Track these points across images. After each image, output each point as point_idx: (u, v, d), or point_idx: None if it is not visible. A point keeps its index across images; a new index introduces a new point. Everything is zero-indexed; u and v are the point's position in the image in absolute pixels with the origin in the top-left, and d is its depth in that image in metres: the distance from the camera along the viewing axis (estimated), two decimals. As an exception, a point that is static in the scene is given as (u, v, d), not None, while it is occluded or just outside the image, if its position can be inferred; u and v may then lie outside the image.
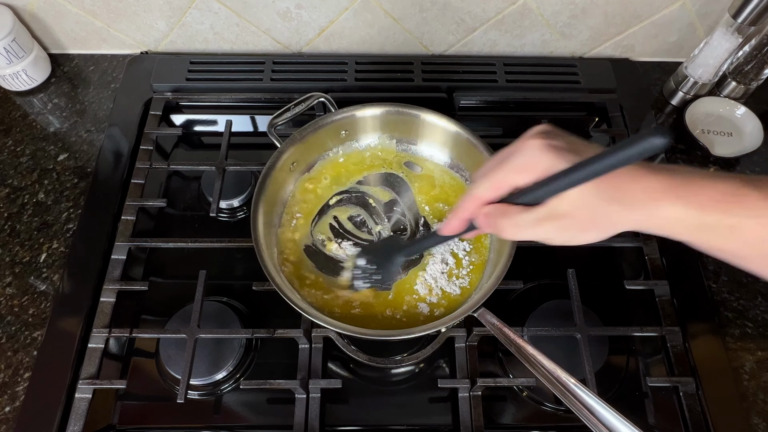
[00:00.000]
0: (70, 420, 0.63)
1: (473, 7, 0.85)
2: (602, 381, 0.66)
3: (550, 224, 0.44)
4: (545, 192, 0.42)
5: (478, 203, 0.47)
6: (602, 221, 0.43)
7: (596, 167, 0.38)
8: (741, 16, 0.74)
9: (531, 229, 0.44)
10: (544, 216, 0.43)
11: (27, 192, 0.79)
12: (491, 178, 0.45)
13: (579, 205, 0.42)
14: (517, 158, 0.44)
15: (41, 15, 0.87)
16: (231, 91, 0.88)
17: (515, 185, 0.44)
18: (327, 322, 0.58)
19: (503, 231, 0.46)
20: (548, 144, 0.42)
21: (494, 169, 0.45)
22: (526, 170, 0.43)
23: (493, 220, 0.46)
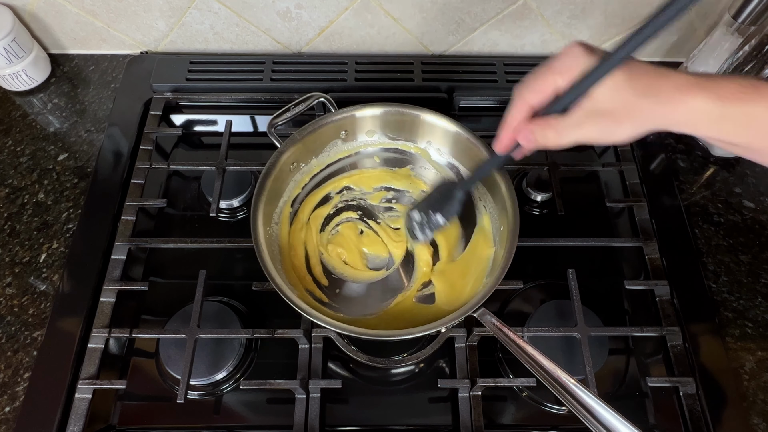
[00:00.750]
0: (70, 420, 0.63)
1: (473, 7, 0.84)
2: (602, 381, 0.66)
3: (589, 123, 0.46)
4: (582, 87, 0.44)
5: (526, 108, 0.49)
6: (636, 115, 0.45)
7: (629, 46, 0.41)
8: (741, 16, 0.74)
9: (572, 131, 0.47)
10: (582, 117, 0.46)
11: (27, 192, 0.79)
12: (535, 83, 0.47)
13: (614, 100, 0.44)
14: (557, 62, 0.46)
15: (41, 15, 0.87)
16: (231, 91, 0.88)
17: (557, 87, 0.46)
18: (327, 322, 0.58)
19: (547, 141, 0.48)
20: (586, 47, 0.45)
21: (537, 75, 0.47)
22: (566, 71, 0.45)
23: (537, 134, 0.48)
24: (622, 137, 0.46)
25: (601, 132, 0.46)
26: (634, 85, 0.44)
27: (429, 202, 0.65)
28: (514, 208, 0.64)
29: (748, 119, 0.42)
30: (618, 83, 0.44)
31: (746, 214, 0.79)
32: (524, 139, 0.50)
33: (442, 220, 0.64)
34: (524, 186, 0.81)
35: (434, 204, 0.64)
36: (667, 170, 0.82)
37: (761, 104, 0.42)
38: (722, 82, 0.43)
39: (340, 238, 0.72)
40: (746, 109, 0.42)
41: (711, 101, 0.42)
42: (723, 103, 0.42)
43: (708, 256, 0.76)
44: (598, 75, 0.44)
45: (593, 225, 0.80)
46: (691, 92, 0.43)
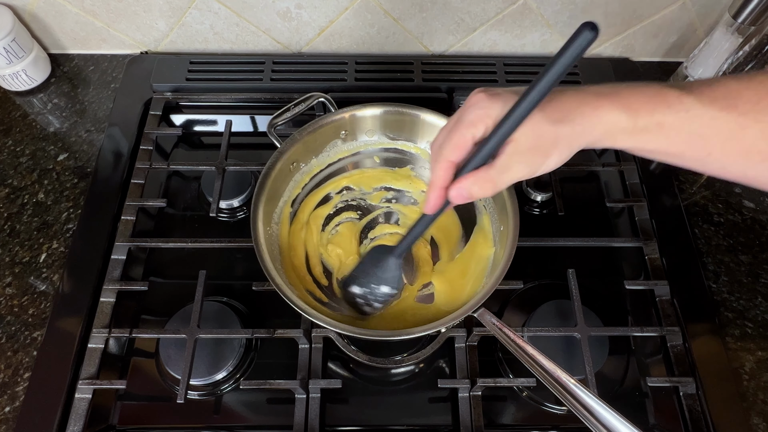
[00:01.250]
0: (70, 420, 0.63)
1: (473, 7, 0.85)
2: (602, 381, 0.66)
3: (517, 164, 0.46)
4: (503, 133, 0.45)
5: (449, 166, 0.49)
6: (558, 143, 0.45)
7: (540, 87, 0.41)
8: (741, 16, 0.74)
9: (504, 176, 0.47)
10: (509, 161, 0.46)
11: (27, 192, 0.79)
12: (452, 140, 0.47)
13: (534, 137, 0.45)
14: (469, 114, 0.46)
15: (41, 15, 0.87)
16: (231, 91, 0.88)
17: (475, 139, 0.47)
18: (327, 322, 0.58)
19: (485, 192, 0.48)
20: (492, 94, 0.46)
21: (452, 131, 0.48)
22: (480, 121, 0.46)
23: (472, 189, 0.48)
24: (552, 166, 0.47)
25: (531, 168, 0.47)
26: (548, 115, 0.44)
27: (367, 276, 0.64)
28: (514, 208, 0.64)
29: (659, 128, 0.44)
30: (534, 119, 0.44)
31: (746, 214, 0.79)
32: (458, 197, 0.49)
33: (389, 290, 0.63)
34: (524, 186, 0.81)
35: (374, 277, 0.64)
36: (667, 170, 0.82)
37: (668, 113, 0.43)
38: (631, 94, 0.44)
39: (340, 238, 0.72)
40: (656, 118, 0.43)
41: (623, 114, 0.44)
42: (634, 114, 0.44)
43: (708, 256, 0.76)
44: (516, 120, 0.43)
45: (593, 225, 0.80)
46: (602, 107, 0.44)
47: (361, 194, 0.76)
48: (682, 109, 0.43)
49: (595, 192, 0.83)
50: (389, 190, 0.76)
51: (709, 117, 0.42)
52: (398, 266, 0.63)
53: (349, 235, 0.72)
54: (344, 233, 0.72)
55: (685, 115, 0.43)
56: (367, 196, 0.75)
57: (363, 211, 0.75)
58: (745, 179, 0.46)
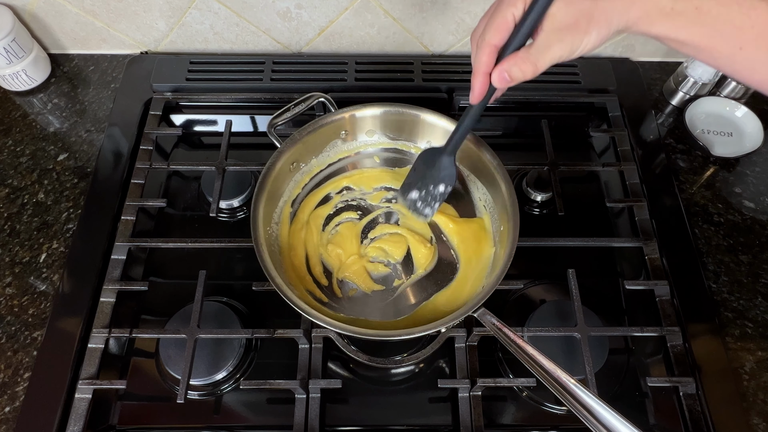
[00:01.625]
0: (70, 420, 0.63)
1: (473, 7, 0.85)
2: (602, 381, 0.66)
3: (556, 42, 0.46)
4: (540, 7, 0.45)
5: (492, 49, 0.48)
6: (597, 18, 0.45)
7: None
8: (741, 16, 0.74)
9: (544, 55, 0.47)
10: (549, 39, 0.46)
11: (27, 192, 0.79)
12: (494, 22, 0.47)
13: (572, 12, 0.45)
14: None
15: (41, 15, 0.87)
16: (231, 91, 0.88)
17: (515, 17, 0.46)
18: (327, 322, 0.58)
19: (525, 74, 0.48)
20: None
21: (493, 15, 0.48)
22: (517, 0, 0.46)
23: (513, 71, 0.48)
24: (591, 45, 0.47)
25: (571, 46, 0.46)
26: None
27: (422, 178, 0.65)
28: (514, 208, 0.64)
29: (696, 13, 0.43)
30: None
31: (746, 214, 0.79)
32: (500, 80, 0.49)
33: (444, 188, 0.64)
34: (524, 186, 0.81)
35: (428, 178, 0.64)
36: (667, 170, 0.82)
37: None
38: None
39: (340, 238, 0.72)
40: (696, 2, 0.43)
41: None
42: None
43: (708, 256, 0.76)
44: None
45: (593, 225, 0.80)
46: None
47: (361, 194, 0.76)
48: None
49: (595, 192, 0.83)
50: (389, 190, 0.76)
51: (748, 5, 0.42)
52: (451, 163, 0.63)
53: (349, 235, 0.72)
54: (344, 233, 0.72)
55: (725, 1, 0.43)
56: (367, 196, 0.75)
57: (363, 211, 0.75)
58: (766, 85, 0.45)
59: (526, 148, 0.87)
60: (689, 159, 0.84)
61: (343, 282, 0.69)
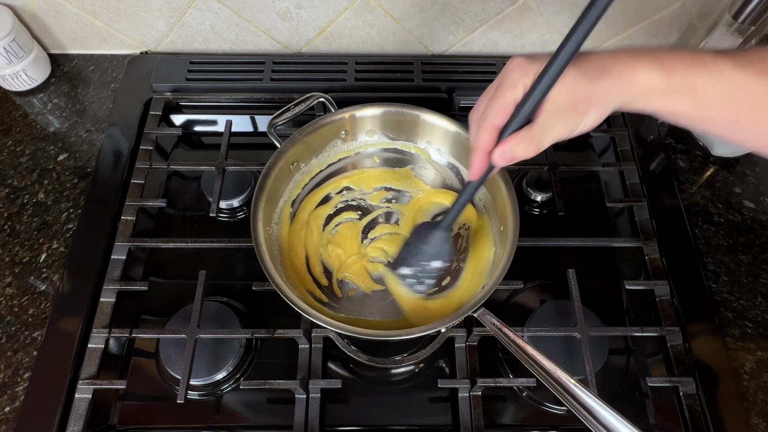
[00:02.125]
0: (70, 420, 0.63)
1: (473, 7, 0.85)
2: (602, 381, 0.66)
3: (557, 122, 0.47)
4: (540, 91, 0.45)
5: (493, 129, 0.49)
6: (595, 100, 0.46)
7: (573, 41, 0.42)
8: (741, 16, 0.74)
9: (545, 135, 0.47)
10: (549, 120, 0.47)
11: (27, 192, 0.79)
12: (495, 103, 0.48)
13: (571, 94, 0.46)
14: (508, 78, 0.48)
15: (41, 15, 0.87)
16: (231, 91, 0.88)
17: (516, 99, 0.47)
18: (327, 322, 0.58)
19: (528, 153, 0.49)
20: (529, 57, 0.47)
21: (494, 96, 0.49)
22: (519, 82, 0.47)
23: (516, 150, 0.49)
24: (590, 124, 0.48)
25: (571, 126, 0.48)
26: (585, 73, 0.45)
27: (416, 255, 0.65)
28: (514, 208, 0.64)
29: (692, 90, 0.44)
30: (570, 78, 0.45)
31: (746, 214, 0.79)
32: (503, 159, 0.50)
33: (441, 263, 0.64)
34: (524, 186, 0.81)
35: (423, 254, 0.65)
36: (667, 170, 0.82)
37: (703, 75, 0.44)
38: (667, 55, 0.45)
39: (340, 238, 0.72)
40: (690, 80, 0.44)
41: (658, 73, 0.44)
42: (669, 73, 0.44)
43: (708, 256, 0.76)
44: (552, 76, 0.45)
45: (593, 225, 0.80)
46: (639, 65, 0.45)
47: (361, 194, 0.76)
48: (716, 70, 0.43)
49: (595, 192, 0.83)
50: (389, 190, 0.76)
51: (742, 81, 0.43)
52: (446, 239, 0.64)
53: (349, 235, 0.72)
54: (344, 233, 0.72)
55: (718, 78, 0.43)
56: (367, 196, 0.75)
57: (363, 211, 0.75)
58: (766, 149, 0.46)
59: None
60: (689, 159, 0.84)
61: (343, 282, 0.69)
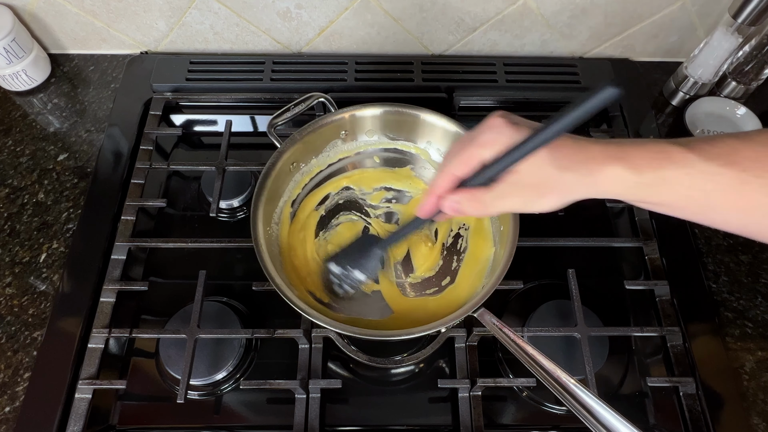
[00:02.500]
0: (70, 420, 0.63)
1: (473, 7, 0.85)
2: (602, 381, 0.66)
3: (512, 196, 0.48)
4: (509, 161, 0.46)
5: (452, 179, 0.50)
6: (558, 188, 0.47)
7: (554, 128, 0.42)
8: (741, 16, 0.74)
9: (497, 202, 0.49)
10: (506, 190, 0.48)
11: (27, 192, 0.79)
12: (462, 155, 0.49)
13: (538, 175, 0.47)
14: (482, 135, 0.48)
15: (41, 15, 0.87)
16: (231, 91, 0.88)
17: (482, 160, 0.48)
18: (327, 322, 0.58)
19: (474, 211, 0.50)
20: (509, 121, 0.47)
21: (463, 148, 0.49)
22: (491, 144, 0.47)
23: (463, 205, 0.50)
24: (545, 208, 0.49)
25: (524, 203, 0.49)
26: (555, 160, 0.46)
27: (348, 257, 0.66)
28: (514, 208, 0.64)
29: (663, 183, 0.45)
30: (541, 159, 0.45)
31: (746, 214, 0.79)
32: (449, 209, 0.51)
33: (362, 276, 0.65)
34: (524, 186, 0.81)
35: (354, 260, 0.65)
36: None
37: (672, 169, 0.44)
38: (635, 152, 0.45)
39: (340, 239, 0.72)
40: (660, 174, 0.44)
41: (627, 170, 0.45)
42: (638, 171, 0.45)
43: (708, 256, 0.76)
44: (525, 151, 0.45)
45: (593, 225, 0.80)
46: (607, 163, 0.45)
47: (361, 194, 0.76)
48: (686, 164, 0.44)
49: (595, 192, 0.83)
50: (389, 190, 0.76)
51: (711, 173, 0.43)
52: (379, 258, 0.65)
53: (348, 235, 0.72)
54: (344, 233, 0.72)
55: (689, 171, 0.44)
56: (367, 196, 0.75)
57: (363, 212, 0.75)
58: (746, 233, 0.47)
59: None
60: (689, 159, 0.84)
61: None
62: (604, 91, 0.39)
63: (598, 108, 0.40)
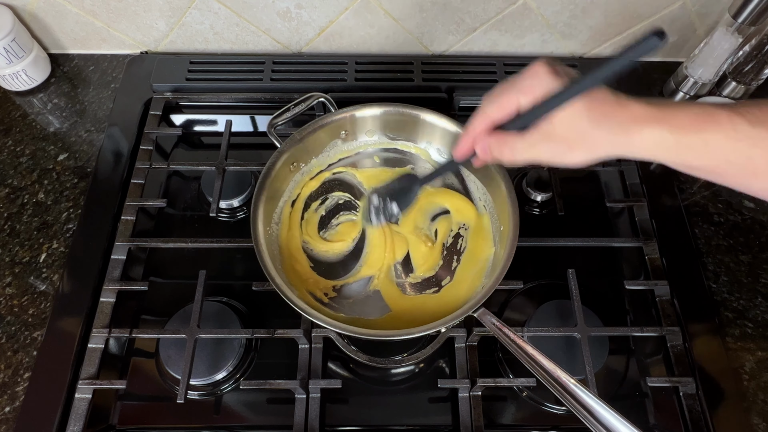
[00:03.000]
0: (70, 420, 0.63)
1: (473, 7, 0.85)
2: (602, 381, 0.66)
3: (543, 146, 0.48)
4: (544, 110, 0.46)
5: (487, 121, 0.50)
6: (590, 143, 0.46)
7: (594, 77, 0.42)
8: (741, 16, 0.74)
9: (527, 150, 0.49)
10: (538, 139, 0.48)
11: (27, 192, 0.79)
12: (499, 99, 0.49)
13: (570, 127, 0.46)
14: (523, 81, 0.48)
15: (41, 15, 0.87)
16: (231, 91, 0.88)
17: (519, 105, 0.48)
18: (327, 322, 0.58)
19: (503, 156, 0.50)
20: (552, 69, 0.46)
21: (503, 92, 0.49)
22: (530, 91, 0.47)
23: (493, 149, 0.50)
24: (574, 161, 0.48)
25: (553, 154, 0.48)
26: (591, 114, 0.45)
27: (389, 191, 0.67)
28: (514, 208, 0.64)
29: (705, 146, 0.43)
30: (576, 111, 0.45)
31: (746, 214, 0.79)
32: (481, 151, 0.52)
33: (397, 210, 0.66)
34: (524, 186, 0.81)
35: (393, 193, 0.67)
36: (667, 170, 0.82)
37: (716, 131, 0.43)
38: (678, 113, 0.44)
39: (339, 237, 0.72)
40: (702, 136, 0.43)
41: (667, 131, 0.44)
42: (679, 132, 0.43)
43: (708, 256, 0.76)
44: (560, 101, 0.45)
45: (593, 225, 0.80)
46: (647, 124, 0.44)
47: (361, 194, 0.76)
48: (731, 128, 0.42)
49: (595, 192, 0.83)
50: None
51: (759, 137, 0.42)
52: (416, 193, 0.66)
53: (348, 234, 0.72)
54: (343, 232, 0.72)
55: (734, 135, 0.42)
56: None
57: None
58: None
59: (526, 148, 0.87)
60: (689, 159, 0.84)
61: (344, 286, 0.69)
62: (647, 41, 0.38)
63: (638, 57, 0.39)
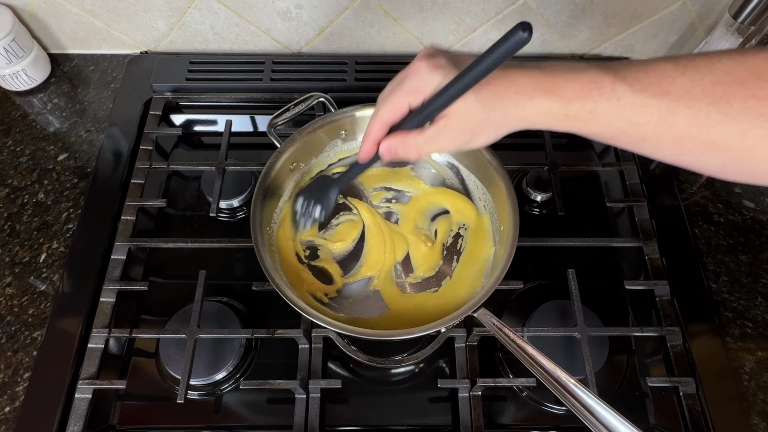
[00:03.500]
0: (70, 420, 0.63)
1: (473, 7, 0.85)
2: (602, 381, 0.66)
3: (445, 138, 0.49)
4: (436, 107, 0.47)
5: (383, 125, 0.51)
6: (489, 126, 0.48)
7: (473, 74, 0.43)
8: (741, 16, 0.74)
9: (429, 144, 0.49)
10: (436, 132, 0.48)
11: (27, 192, 0.79)
12: (389, 102, 0.50)
13: (465, 116, 0.47)
14: (408, 82, 0.49)
15: (41, 15, 0.87)
16: (231, 91, 0.88)
17: (411, 105, 0.49)
18: (326, 322, 0.58)
19: (408, 155, 0.51)
20: (433, 64, 0.47)
21: (391, 94, 0.50)
22: (417, 91, 0.48)
23: (397, 149, 0.51)
24: (477, 145, 0.49)
25: (458, 144, 0.49)
26: (482, 99, 0.46)
27: (311, 194, 0.66)
28: (514, 208, 0.64)
29: (591, 115, 0.44)
30: (468, 100, 0.46)
31: (746, 214, 0.79)
32: (385, 152, 0.52)
33: (318, 214, 0.65)
34: (524, 186, 0.81)
35: (315, 196, 0.66)
36: (667, 170, 0.82)
37: (600, 100, 0.43)
38: (565, 83, 0.45)
39: (338, 237, 0.72)
40: (587, 105, 0.44)
41: (554, 102, 0.45)
42: (565, 103, 0.44)
43: (708, 256, 0.76)
44: (449, 98, 0.46)
45: (593, 225, 0.80)
46: (535, 96, 0.45)
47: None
48: (613, 96, 0.43)
49: (595, 192, 0.83)
50: (389, 190, 0.76)
51: (641, 104, 0.42)
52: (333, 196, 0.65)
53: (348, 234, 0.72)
54: (343, 232, 0.72)
55: (617, 103, 0.43)
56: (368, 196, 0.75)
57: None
58: (680, 163, 0.46)
59: (526, 148, 0.87)
60: (689, 159, 0.84)
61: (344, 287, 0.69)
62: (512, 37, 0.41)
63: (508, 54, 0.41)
